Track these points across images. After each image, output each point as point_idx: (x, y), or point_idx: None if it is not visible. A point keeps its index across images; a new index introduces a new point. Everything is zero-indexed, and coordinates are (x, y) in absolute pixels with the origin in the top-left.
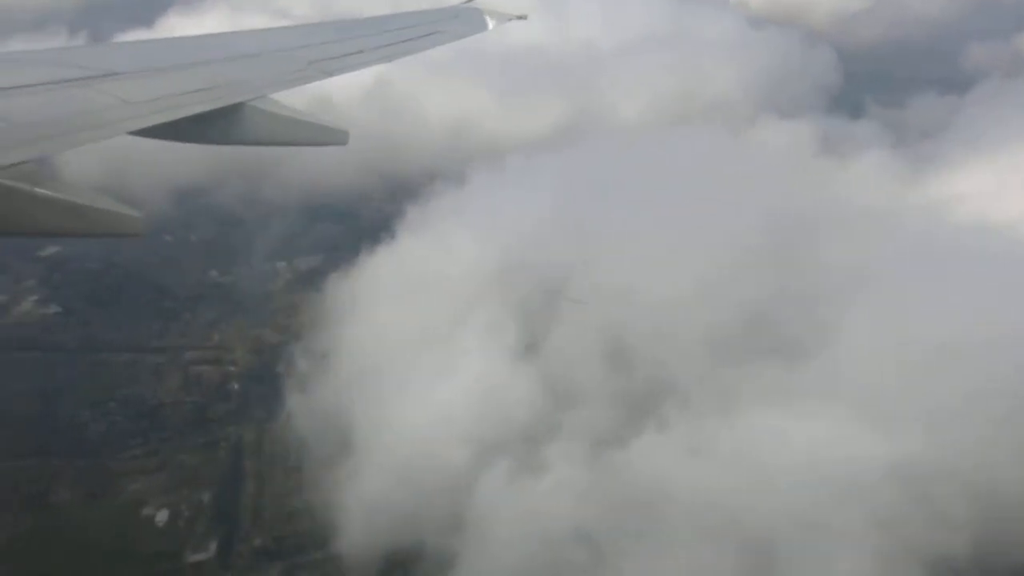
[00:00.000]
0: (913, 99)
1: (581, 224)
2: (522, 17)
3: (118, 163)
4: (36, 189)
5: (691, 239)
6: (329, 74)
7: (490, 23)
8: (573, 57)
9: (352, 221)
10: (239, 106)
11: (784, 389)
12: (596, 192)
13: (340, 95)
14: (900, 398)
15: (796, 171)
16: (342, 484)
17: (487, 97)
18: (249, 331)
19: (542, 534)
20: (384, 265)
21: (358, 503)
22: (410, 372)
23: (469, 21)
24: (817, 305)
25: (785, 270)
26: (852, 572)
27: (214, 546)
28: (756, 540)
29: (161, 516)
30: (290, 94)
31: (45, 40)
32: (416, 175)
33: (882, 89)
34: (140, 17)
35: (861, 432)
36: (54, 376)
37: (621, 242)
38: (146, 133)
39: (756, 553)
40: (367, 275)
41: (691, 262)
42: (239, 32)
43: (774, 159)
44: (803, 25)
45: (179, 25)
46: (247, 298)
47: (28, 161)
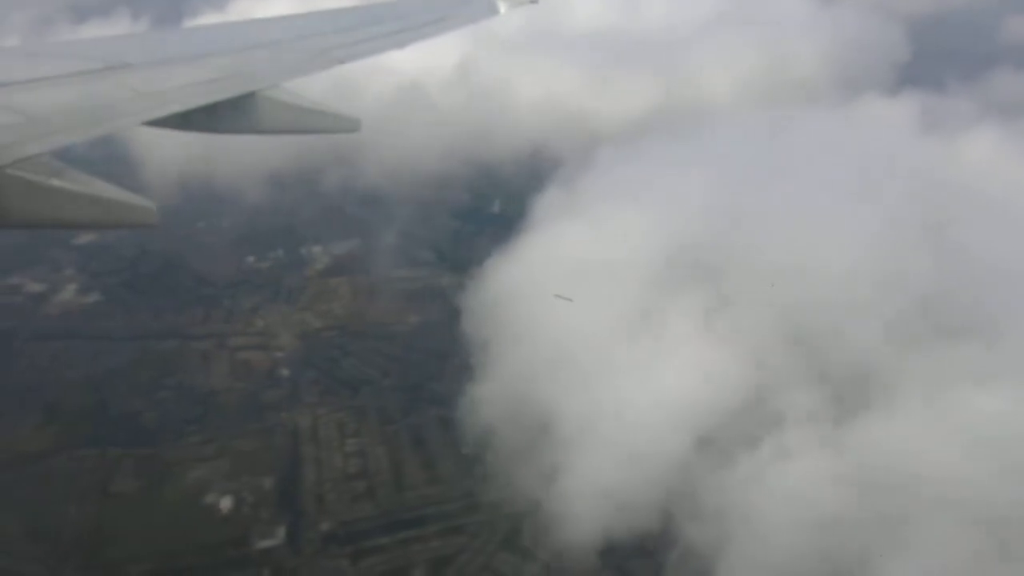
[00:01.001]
0: (990, 73)
1: (723, 203)
2: (534, 1)
3: (145, 150)
4: (52, 181)
5: (844, 217)
6: (340, 61)
7: (502, 8)
8: (652, 37)
9: (438, 208)
10: (250, 96)
11: (983, 369)
12: (727, 171)
13: (426, 79)
14: None
15: (914, 147)
16: (542, 472)
17: (574, 79)
18: (292, 316)
19: (803, 520)
20: (534, 251)
21: (576, 492)
22: (593, 358)
23: (480, 7)
24: (987, 282)
25: (944, 246)
26: None
27: (282, 532)
28: (1004, 520)
29: (225, 503)
30: (370, 81)
31: (115, 25)
32: (507, 159)
33: (957, 63)
34: (212, 1)
35: None
36: (102, 365)
37: (774, 221)
38: (160, 123)
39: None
40: (512, 264)
41: (852, 240)
42: (251, 21)
43: (890, 135)
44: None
45: (251, 9)
46: (286, 283)
47: (44, 153)
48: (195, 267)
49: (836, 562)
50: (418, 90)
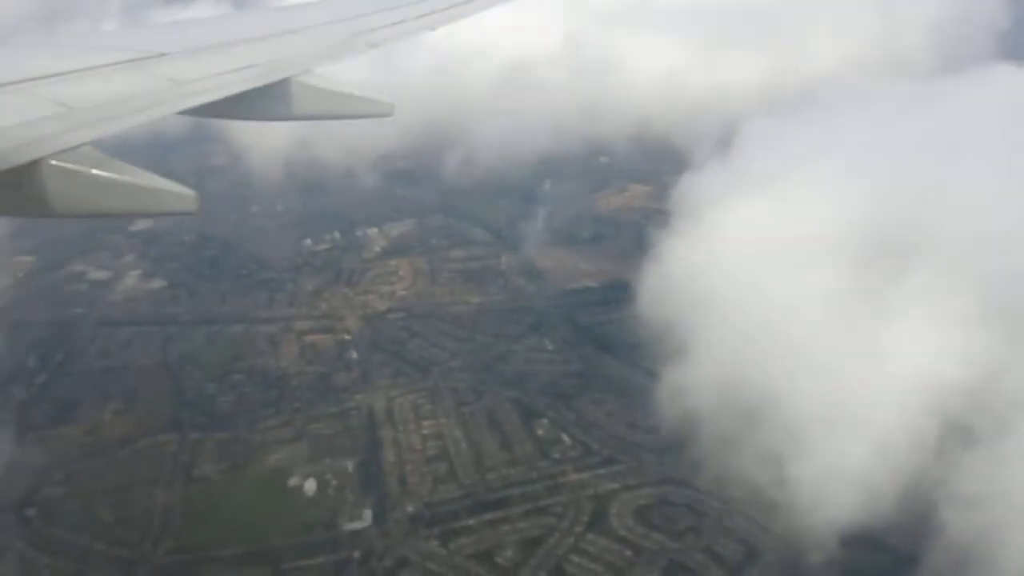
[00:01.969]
0: None
1: (895, 175)
2: None
3: (195, 139)
4: (94, 171)
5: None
6: (373, 45)
7: None
8: (754, 9)
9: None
10: (284, 82)
11: None
12: (882, 142)
13: (531, 57)
14: None
15: None
16: (762, 457)
17: (680, 53)
18: (354, 299)
19: None
20: (707, 230)
21: (812, 477)
22: (811, 340)
23: None
24: None
25: None
26: None
27: (368, 514)
28: None
29: (309, 486)
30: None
31: (198, 8)
32: (623, 133)
33: None
34: None
35: None
36: (173, 350)
37: (955, 191)
38: (196, 112)
39: None
40: (685, 245)
41: None
42: (282, 8)
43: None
44: None
45: None
46: (346, 266)
47: (86, 144)
48: (254, 251)
49: None
50: (523, 68)
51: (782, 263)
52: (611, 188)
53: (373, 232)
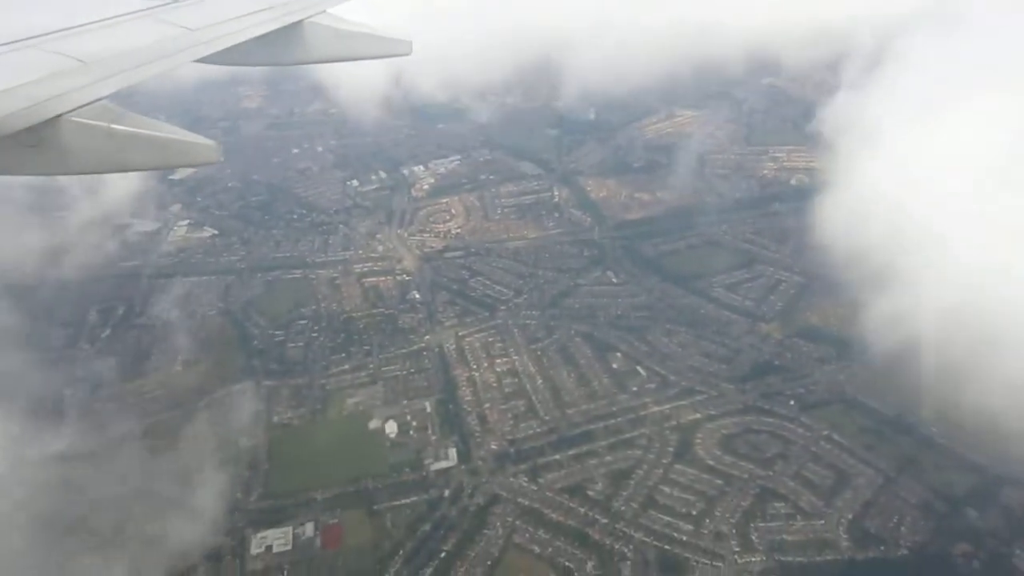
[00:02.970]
0: None
1: None
2: None
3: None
4: (113, 126)
5: None
6: None
7: None
8: None
9: None
10: (299, 25)
11: None
12: None
13: None
14: None
15: None
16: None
17: None
18: (409, 239)
19: None
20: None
21: None
22: None
23: None
24: None
25: None
26: None
27: (453, 453)
28: None
29: (390, 428)
30: None
31: None
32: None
33: None
34: None
35: None
36: (234, 299)
37: None
38: (212, 60)
39: None
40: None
41: None
42: None
43: None
44: None
45: None
46: (396, 206)
47: (103, 98)
48: (301, 194)
49: None
50: None
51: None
52: (658, 115)
53: (419, 170)
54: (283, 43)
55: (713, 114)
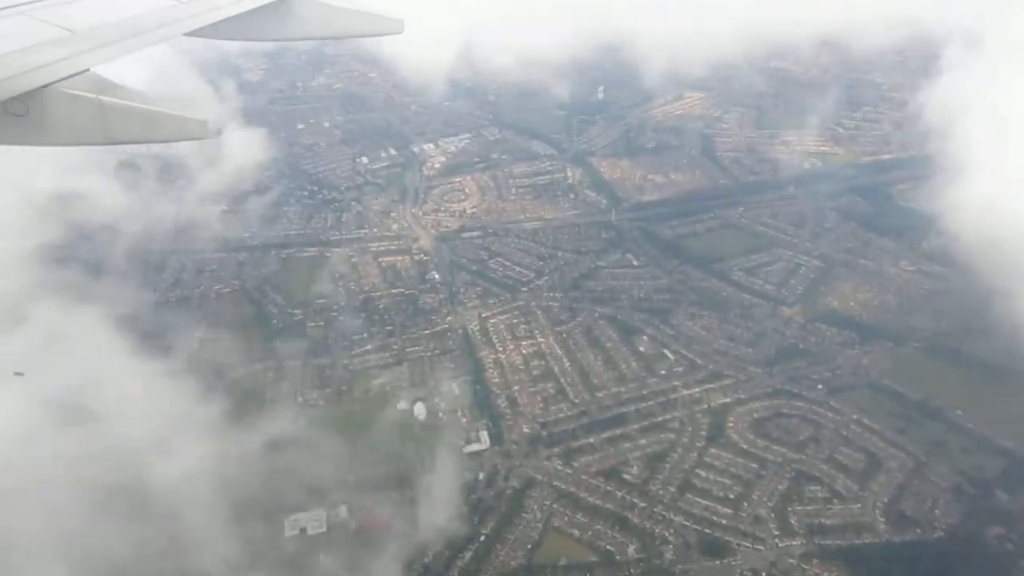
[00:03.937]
0: None
1: None
2: None
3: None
4: (102, 97)
5: None
6: None
7: None
8: None
9: None
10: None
11: None
12: None
13: None
14: None
15: None
16: None
17: None
18: (424, 218)
19: None
20: None
21: None
22: None
23: None
24: None
25: None
26: None
27: (485, 436)
28: None
29: (419, 410)
30: None
31: None
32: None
33: None
34: None
35: None
36: (249, 276)
37: None
38: (203, 34)
39: None
40: None
41: None
42: None
43: None
44: None
45: None
46: (409, 183)
47: (92, 69)
48: (310, 170)
49: None
50: None
51: None
52: (666, 96)
53: (429, 148)
54: (274, 18)
55: (720, 96)
